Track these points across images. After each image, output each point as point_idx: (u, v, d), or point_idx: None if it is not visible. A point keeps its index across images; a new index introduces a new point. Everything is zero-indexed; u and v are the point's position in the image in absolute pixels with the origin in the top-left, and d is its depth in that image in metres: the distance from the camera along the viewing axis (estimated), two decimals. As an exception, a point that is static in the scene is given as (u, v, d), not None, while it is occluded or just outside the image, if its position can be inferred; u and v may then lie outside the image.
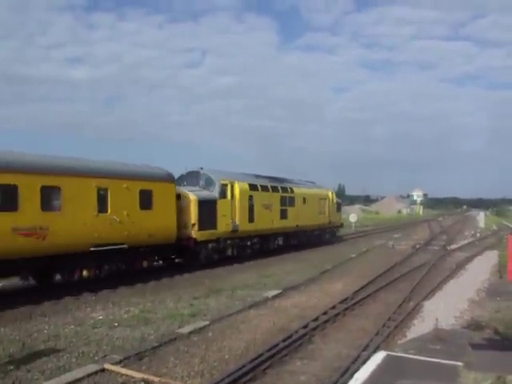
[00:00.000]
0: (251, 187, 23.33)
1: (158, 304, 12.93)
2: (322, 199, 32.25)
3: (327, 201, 32.95)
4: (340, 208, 37.51)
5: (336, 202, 35.00)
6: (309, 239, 30.08)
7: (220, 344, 9.40)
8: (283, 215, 26.26)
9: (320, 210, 31.59)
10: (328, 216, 32.85)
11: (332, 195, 34.28)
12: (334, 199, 34.60)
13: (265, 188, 24.74)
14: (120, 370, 7.76)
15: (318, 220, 31.21)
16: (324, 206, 32.33)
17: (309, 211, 29.37)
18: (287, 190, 27.22)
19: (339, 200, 37.95)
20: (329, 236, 33.88)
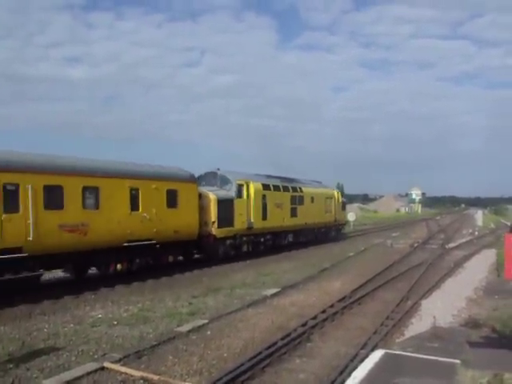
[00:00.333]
0: (264, 187, 24.61)
1: (157, 303, 12.95)
2: (329, 198, 33.49)
3: (333, 200, 34.19)
4: (345, 207, 38.95)
5: (341, 201, 36.33)
6: (316, 236, 31.28)
7: (219, 342, 9.43)
8: (293, 213, 27.49)
9: (326, 209, 32.83)
10: (334, 214, 34.11)
11: (337, 194, 35.61)
12: (340, 198, 35.92)
13: (277, 188, 25.98)
14: (119, 369, 7.79)
15: (325, 218, 32.47)
16: (330, 205, 33.56)
17: (316, 210, 30.63)
18: (297, 190, 28.47)
19: (344, 199, 39.24)
20: (334, 233, 35.07)
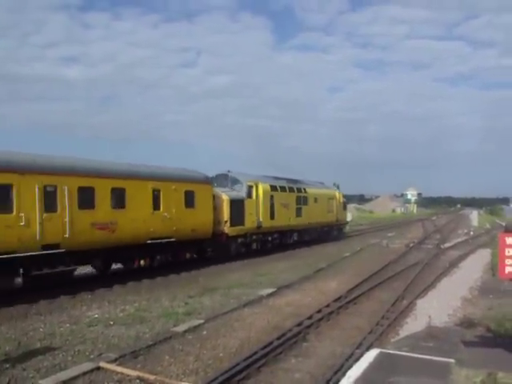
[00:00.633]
0: (272, 188, 25.74)
1: (153, 302, 12.96)
2: (331, 199, 34.39)
3: (335, 200, 35.11)
4: (346, 207, 39.92)
5: (342, 202, 37.14)
6: (319, 235, 32.27)
7: (214, 342, 9.45)
8: (298, 213, 28.56)
9: (329, 209, 33.76)
10: (336, 214, 35.03)
11: (339, 195, 36.31)
12: (341, 199, 36.68)
13: (283, 188, 27.07)
14: (115, 369, 7.80)
15: (327, 218, 33.40)
16: (332, 205, 34.48)
17: (319, 210, 31.57)
18: (301, 191, 29.39)
19: (345, 200, 39.95)
20: (336, 233, 35.98)
